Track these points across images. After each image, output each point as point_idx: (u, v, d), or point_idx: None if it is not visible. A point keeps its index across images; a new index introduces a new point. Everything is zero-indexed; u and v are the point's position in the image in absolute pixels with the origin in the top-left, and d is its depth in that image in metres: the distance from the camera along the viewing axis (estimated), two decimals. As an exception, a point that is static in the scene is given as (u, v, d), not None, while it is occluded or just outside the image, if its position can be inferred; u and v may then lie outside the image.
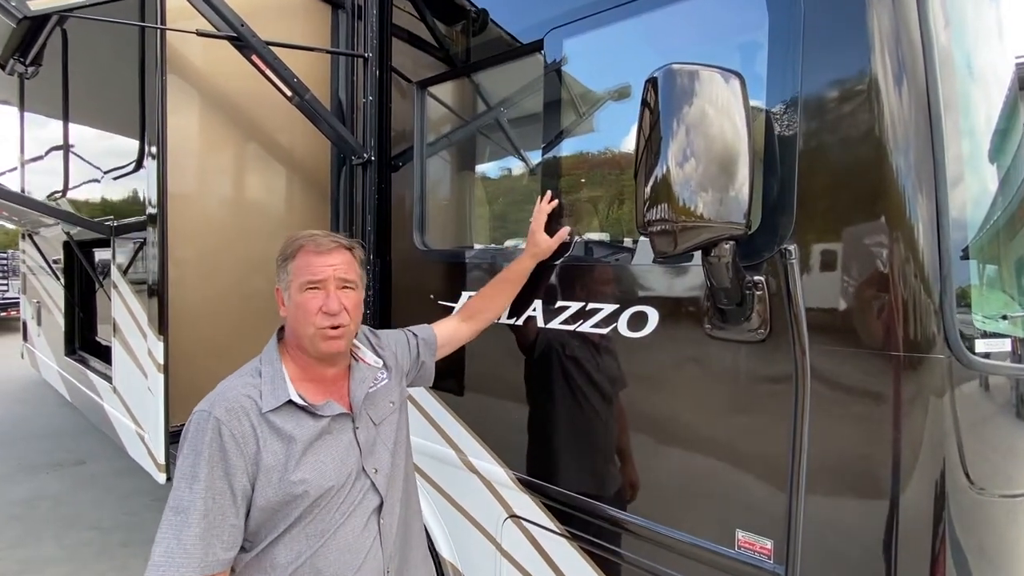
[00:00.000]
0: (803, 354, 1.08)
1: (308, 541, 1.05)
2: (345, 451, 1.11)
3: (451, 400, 1.80)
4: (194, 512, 0.94)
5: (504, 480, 1.64)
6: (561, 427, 1.51)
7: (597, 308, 1.41)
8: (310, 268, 1.09)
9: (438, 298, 1.84)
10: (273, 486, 1.01)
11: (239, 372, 1.10)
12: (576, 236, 1.48)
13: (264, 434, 1.01)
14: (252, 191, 2.03)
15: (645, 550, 1.33)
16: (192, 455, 0.97)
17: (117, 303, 2.17)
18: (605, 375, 1.41)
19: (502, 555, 1.66)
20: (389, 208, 2.03)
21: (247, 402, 1.02)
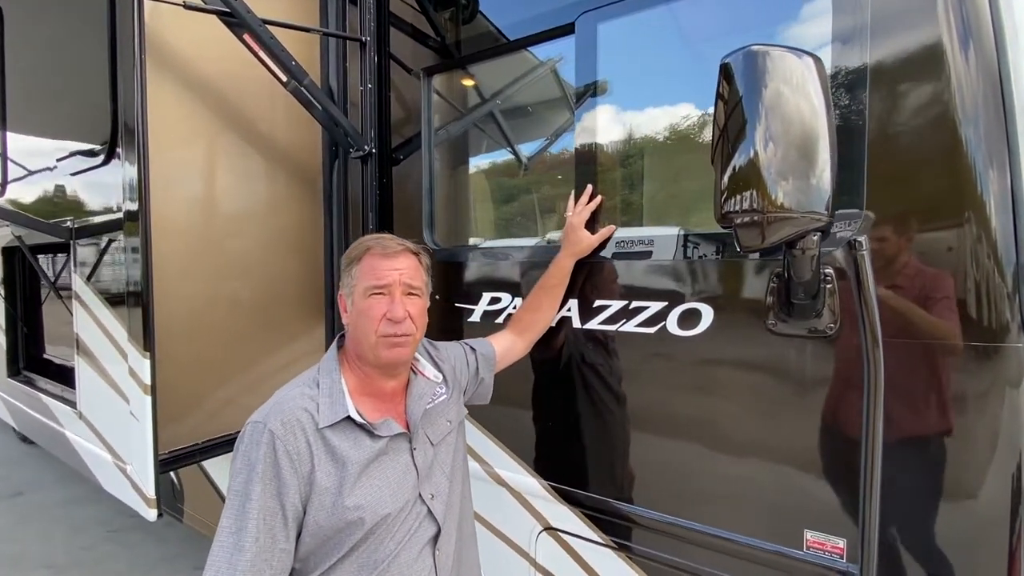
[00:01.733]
0: (875, 347, 1.04)
1: (360, 573, 0.98)
2: (402, 475, 1.04)
3: (476, 410, 1.68)
4: (247, 535, 0.88)
5: (538, 491, 1.54)
6: (603, 433, 1.43)
7: (642, 307, 1.34)
8: (375, 272, 1.03)
9: (454, 300, 1.72)
10: (326, 510, 0.94)
11: (296, 381, 1.04)
12: (618, 230, 1.41)
13: (319, 452, 0.95)
14: (234, 188, 1.82)
15: (703, 556, 1.28)
16: (245, 471, 0.91)
17: (81, 316, 1.89)
18: (652, 376, 1.35)
19: (537, 570, 1.57)
20: (391, 205, 1.89)
21: (303, 416, 0.95)
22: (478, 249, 1.73)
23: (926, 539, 1.06)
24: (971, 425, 1.01)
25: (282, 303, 1.95)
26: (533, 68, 1.64)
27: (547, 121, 1.80)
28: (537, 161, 1.82)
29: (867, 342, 1.05)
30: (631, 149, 1.44)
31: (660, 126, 1.41)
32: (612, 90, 1.41)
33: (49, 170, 2.17)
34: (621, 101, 1.42)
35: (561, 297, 1.44)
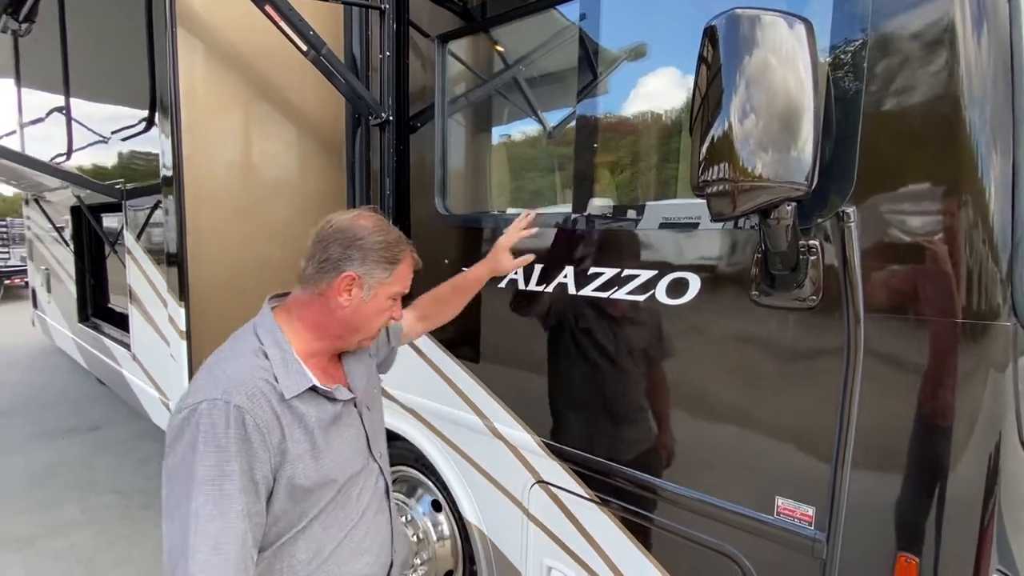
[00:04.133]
0: (857, 321, 1.04)
1: (328, 532, 0.99)
2: (356, 436, 1.07)
3: (477, 368, 1.78)
4: (230, 514, 0.83)
5: (531, 447, 1.63)
6: (593, 394, 1.49)
7: (633, 275, 1.37)
8: (405, 281, 1.05)
9: (461, 265, 1.79)
10: (301, 475, 0.93)
11: (238, 353, 0.96)
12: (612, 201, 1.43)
13: (287, 421, 0.92)
14: (264, 154, 1.95)
15: (680, 516, 1.33)
16: (215, 452, 0.83)
17: (132, 269, 2.12)
18: (641, 343, 1.38)
19: (529, 519, 1.68)
20: (408, 171, 1.96)
21: (266, 387, 0.90)
22: (486, 215, 1.79)
23: (897, 513, 1.07)
24: (951, 403, 1.00)
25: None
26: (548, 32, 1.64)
27: (561, 89, 1.81)
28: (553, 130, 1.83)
29: (849, 314, 1.05)
30: (630, 119, 1.43)
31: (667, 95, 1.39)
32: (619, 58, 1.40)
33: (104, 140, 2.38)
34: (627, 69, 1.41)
35: (468, 301, 1.52)
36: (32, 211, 4.46)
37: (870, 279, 1.04)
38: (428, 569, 2.17)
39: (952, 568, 1.02)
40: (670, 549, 1.37)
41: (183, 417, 0.85)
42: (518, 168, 1.74)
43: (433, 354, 1.91)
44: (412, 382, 2.01)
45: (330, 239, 0.98)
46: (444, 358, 1.87)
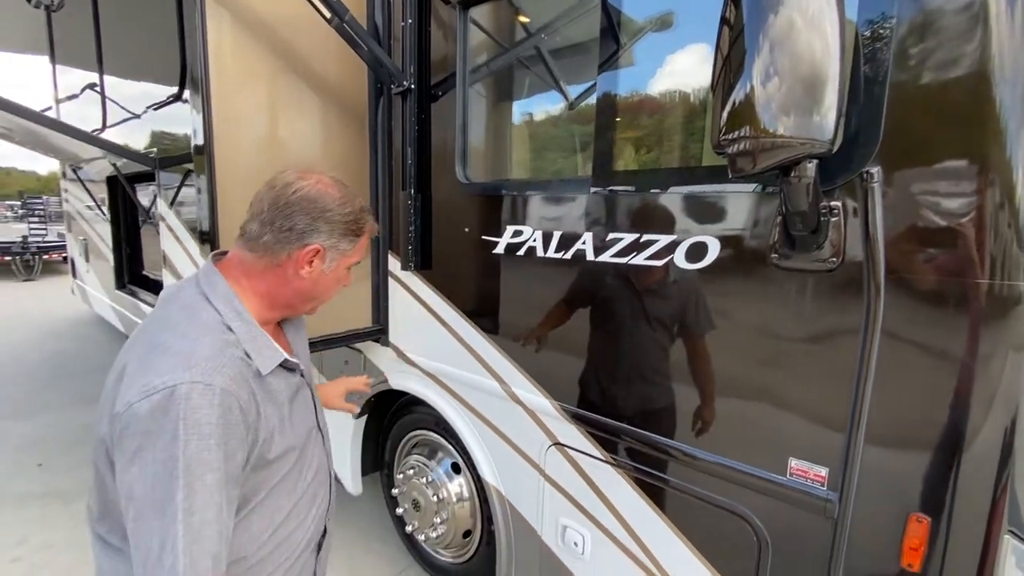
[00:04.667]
0: (877, 284, 1.04)
1: (289, 497, 0.97)
2: (307, 406, 1.05)
3: (496, 334, 1.82)
4: (210, 509, 0.76)
5: (548, 410, 1.67)
6: (609, 359, 1.51)
7: (652, 240, 1.38)
8: (364, 251, 1.02)
9: (480, 233, 1.82)
10: (271, 447, 0.89)
11: (197, 326, 0.86)
12: (635, 165, 1.42)
13: (261, 398, 0.87)
14: (289, 124, 1.97)
15: (693, 477, 1.36)
16: (196, 438, 0.75)
17: (166, 236, 2.20)
18: (658, 307, 1.39)
19: (545, 480, 1.73)
20: (429, 140, 1.98)
21: (242, 365, 0.85)
22: (505, 184, 1.79)
23: (910, 473, 1.07)
24: (972, 367, 0.99)
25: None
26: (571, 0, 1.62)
27: (584, 58, 1.79)
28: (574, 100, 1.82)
29: (870, 277, 1.04)
30: (651, 86, 1.42)
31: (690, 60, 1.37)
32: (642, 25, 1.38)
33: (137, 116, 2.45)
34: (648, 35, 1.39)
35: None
36: (70, 184, 4.63)
37: (892, 241, 1.03)
38: (447, 529, 2.26)
39: (964, 529, 1.03)
40: (683, 509, 1.40)
41: (155, 402, 0.74)
42: (538, 137, 1.74)
43: (454, 321, 1.95)
44: (433, 348, 2.06)
45: (295, 207, 0.90)
46: (465, 325, 1.91)
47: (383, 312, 2.27)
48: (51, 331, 6.92)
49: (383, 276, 2.24)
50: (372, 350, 2.40)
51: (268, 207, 0.91)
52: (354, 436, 2.58)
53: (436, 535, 2.27)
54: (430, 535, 2.30)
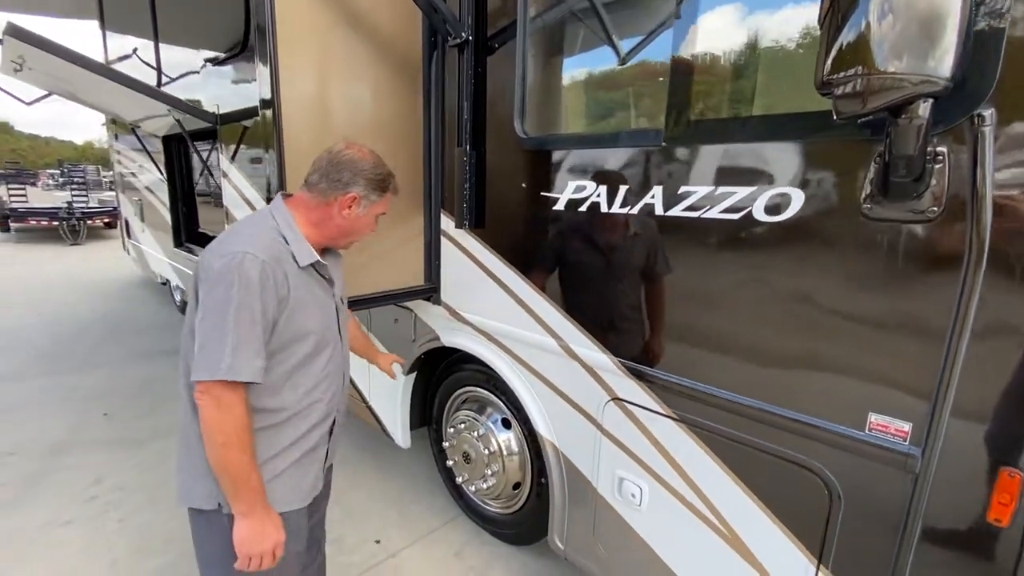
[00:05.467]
0: (980, 236, 0.99)
1: (307, 373, 1.28)
2: (334, 312, 1.37)
3: (552, 291, 1.82)
4: (255, 329, 1.12)
5: (608, 366, 1.68)
6: (676, 315, 1.50)
7: (729, 192, 1.34)
8: (386, 207, 1.38)
9: (540, 189, 1.80)
10: (292, 323, 1.21)
11: (261, 228, 1.23)
12: (712, 114, 1.37)
13: (294, 283, 1.21)
14: (345, 77, 1.94)
15: (762, 432, 1.36)
16: (243, 288, 1.11)
17: (228, 191, 2.24)
18: (733, 261, 1.37)
19: (603, 434, 1.75)
20: (485, 94, 1.95)
21: (282, 254, 1.20)
22: (567, 138, 1.76)
23: (1002, 427, 1.05)
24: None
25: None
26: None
27: (645, 8, 1.71)
28: (634, 53, 1.75)
29: (973, 227, 1.00)
30: (730, 29, 1.35)
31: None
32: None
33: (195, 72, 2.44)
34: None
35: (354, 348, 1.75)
36: (122, 146, 4.73)
37: (1002, 190, 0.98)
38: (497, 481, 2.33)
39: (1059, 484, 1.01)
40: (748, 463, 1.41)
41: (226, 262, 1.11)
42: (603, 89, 1.69)
43: (509, 279, 1.96)
44: (487, 306, 2.08)
45: (344, 165, 1.28)
46: (520, 283, 1.92)
47: (435, 271, 2.29)
48: (101, 292, 7.24)
49: (435, 235, 2.25)
50: (423, 308, 2.44)
51: (326, 164, 1.29)
52: (403, 393, 2.66)
53: (487, 486, 2.35)
54: (480, 486, 2.38)
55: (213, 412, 1.11)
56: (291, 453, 1.29)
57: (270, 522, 1.21)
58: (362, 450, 3.28)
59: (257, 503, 1.18)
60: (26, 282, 7.69)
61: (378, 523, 2.58)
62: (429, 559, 2.35)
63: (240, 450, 1.13)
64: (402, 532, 2.52)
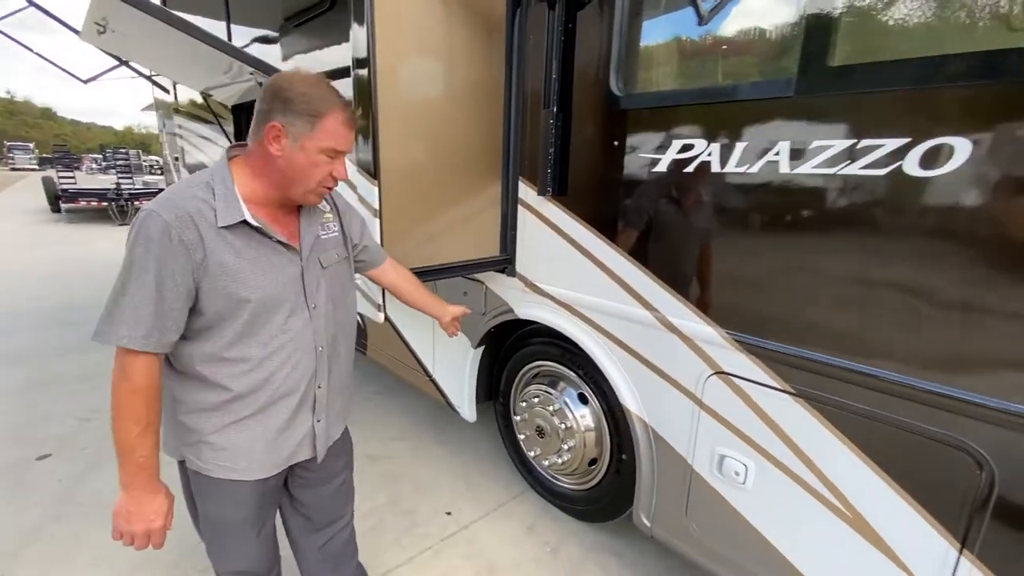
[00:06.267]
0: None
1: (248, 345, 1.14)
2: (289, 280, 1.18)
3: (647, 260, 1.73)
4: (146, 293, 1.02)
5: (712, 338, 1.59)
6: (800, 281, 1.39)
7: (874, 145, 1.22)
8: (338, 139, 1.11)
9: (639, 150, 1.70)
10: (218, 290, 1.07)
11: (190, 184, 1.11)
12: (859, 59, 1.25)
13: (213, 245, 1.06)
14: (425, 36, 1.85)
15: (902, 408, 1.26)
16: (143, 249, 1.02)
17: None
18: (875, 221, 1.25)
19: (703, 410, 1.67)
20: (573, 52, 1.84)
21: (197, 215, 1.05)
22: (672, 93, 1.64)
23: None
24: None
25: (464, 159, 2.05)
26: None
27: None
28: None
29: None
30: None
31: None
32: None
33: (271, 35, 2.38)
34: None
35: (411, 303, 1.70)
36: (183, 119, 4.80)
37: None
38: (572, 457, 2.28)
39: None
40: (883, 441, 1.31)
41: (137, 218, 1.04)
42: (711, 39, 1.57)
43: (597, 248, 1.87)
44: (569, 278, 2.00)
45: (267, 91, 1.09)
46: (610, 252, 1.83)
47: (510, 241, 2.22)
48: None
49: (512, 204, 2.18)
50: (494, 280, 2.38)
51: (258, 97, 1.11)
52: (471, 366, 2.63)
53: (561, 462, 2.31)
54: (555, 461, 2.34)
55: (114, 375, 1.06)
56: (239, 427, 1.18)
57: (150, 504, 1.12)
58: (421, 424, 3.28)
59: (138, 479, 1.10)
60: (81, 260, 7.98)
61: (447, 496, 2.58)
62: (501, 533, 2.33)
63: (127, 419, 1.05)
64: (472, 505, 2.51)
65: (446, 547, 2.24)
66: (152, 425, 1.09)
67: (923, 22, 1.16)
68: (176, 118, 5.18)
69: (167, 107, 5.92)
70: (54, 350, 4.28)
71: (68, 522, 2.32)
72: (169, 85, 5.20)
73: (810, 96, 1.31)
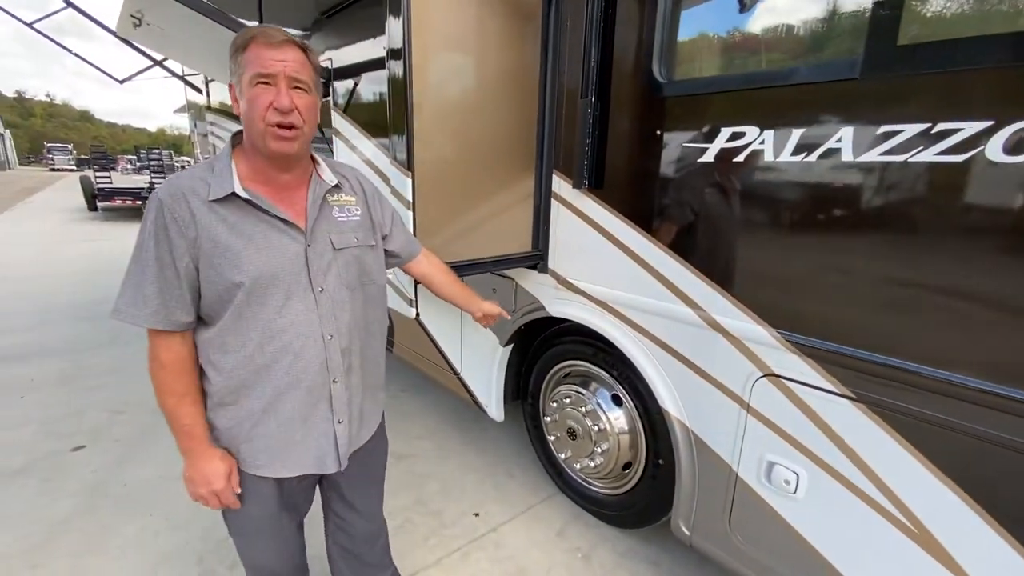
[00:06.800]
0: None
1: (246, 329, 1.10)
2: (286, 257, 1.11)
3: (692, 255, 1.64)
4: (149, 272, 1.04)
5: (763, 339, 1.50)
6: (868, 277, 1.29)
7: (952, 129, 1.12)
8: (261, 61, 1.02)
9: (683, 140, 1.62)
10: (213, 268, 1.06)
11: (194, 166, 1.13)
12: (936, 35, 1.15)
13: (205, 221, 1.04)
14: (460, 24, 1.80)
15: (986, 417, 1.15)
16: (144, 229, 1.05)
17: (340, 146, 2.17)
18: (951, 211, 1.15)
19: (750, 413, 1.58)
20: (613, 37, 1.76)
21: (190, 192, 1.05)
22: (721, 79, 1.55)
23: None
24: None
25: (496, 152, 2.00)
26: None
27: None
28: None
29: None
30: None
31: None
32: None
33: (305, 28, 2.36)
34: None
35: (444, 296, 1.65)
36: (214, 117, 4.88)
37: None
38: (605, 460, 2.20)
39: None
40: (961, 454, 1.20)
41: (148, 201, 1.08)
42: (764, 20, 1.48)
43: (636, 244, 1.79)
44: (605, 274, 1.93)
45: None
46: (650, 247, 1.75)
47: (543, 237, 2.16)
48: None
49: (545, 198, 2.11)
50: (524, 277, 2.32)
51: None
52: (499, 365, 2.57)
53: (593, 465, 2.23)
54: (587, 464, 2.27)
55: (148, 353, 1.11)
56: (254, 421, 1.16)
57: (208, 467, 1.15)
58: (447, 423, 3.24)
59: (190, 445, 1.15)
60: (115, 256, 8.20)
61: (474, 497, 2.53)
62: (531, 537, 2.27)
63: (163, 392, 1.11)
64: (500, 507, 2.45)
65: (474, 549, 2.18)
66: (189, 395, 1.13)
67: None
68: (208, 116, 5.27)
69: (199, 108, 6.02)
70: (87, 344, 4.38)
71: (99, 514, 2.33)
72: (201, 85, 5.29)
73: (878, 77, 1.21)
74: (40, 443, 2.89)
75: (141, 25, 2.39)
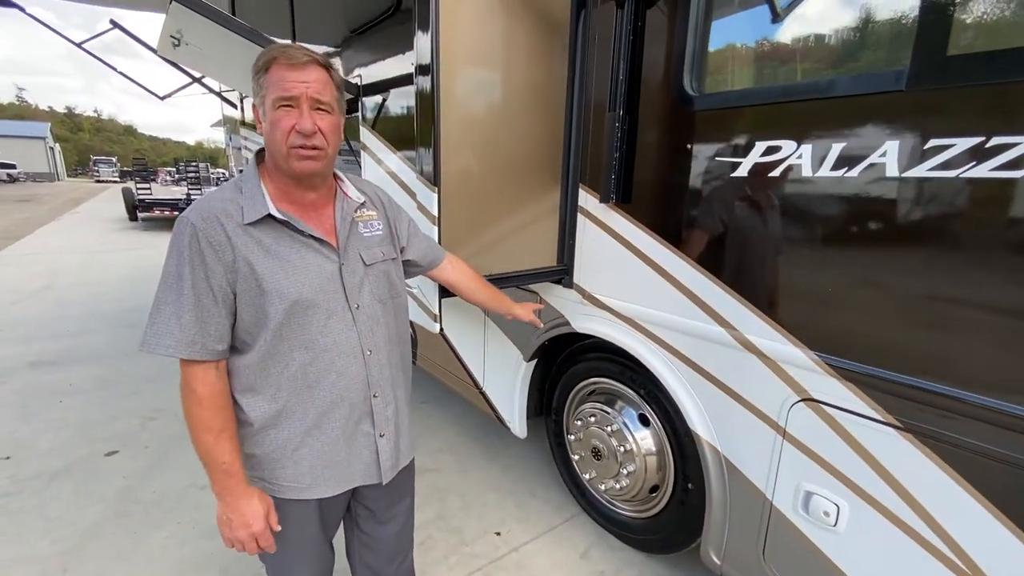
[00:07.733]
0: None
1: (289, 351, 1.09)
2: (322, 276, 1.11)
3: (725, 273, 1.59)
4: (186, 300, 1.01)
5: (801, 361, 1.43)
6: (914, 299, 1.22)
7: (1007, 144, 1.05)
8: (283, 84, 1.01)
9: (714, 154, 1.57)
10: (251, 291, 1.04)
11: (223, 188, 1.10)
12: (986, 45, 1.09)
13: (241, 244, 1.03)
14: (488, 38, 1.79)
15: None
16: (176, 256, 1.02)
17: (369, 161, 2.20)
18: (1004, 230, 1.08)
19: (786, 439, 1.51)
20: (642, 53, 1.74)
21: (223, 215, 1.03)
22: (756, 92, 1.51)
23: None
24: None
25: (522, 166, 1.98)
26: None
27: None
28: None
29: None
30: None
31: None
32: None
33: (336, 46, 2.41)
34: None
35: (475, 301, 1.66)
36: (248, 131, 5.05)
37: None
38: (631, 483, 2.14)
39: None
40: (1018, 489, 1.12)
41: (175, 225, 1.04)
42: (800, 30, 1.43)
43: (665, 260, 1.75)
44: (633, 290, 1.89)
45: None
46: (680, 264, 1.70)
47: (568, 251, 2.13)
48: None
49: (571, 213, 2.09)
50: (549, 292, 2.29)
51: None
52: (523, 380, 2.53)
53: (619, 487, 2.17)
54: (612, 486, 2.20)
55: (180, 390, 1.07)
56: (298, 443, 1.14)
57: (248, 508, 1.10)
58: (469, 437, 3.21)
59: (228, 486, 1.09)
60: (154, 265, 8.50)
61: (496, 515, 2.48)
62: (553, 558, 2.21)
63: (199, 430, 1.05)
64: (522, 526, 2.40)
65: (496, 569, 2.14)
66: (226, 431, 1.08)
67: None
68: (242, 131, 5.44)
69: (234, 122, 6.23)
70: (125, 351, 4.52)
71: (128, 520, 2.38)
72: (236, 100, 5.47)
73: (926, 89, 1.15)
74: (76, 447, 2.97)
75: (180, 45, 2.49)
